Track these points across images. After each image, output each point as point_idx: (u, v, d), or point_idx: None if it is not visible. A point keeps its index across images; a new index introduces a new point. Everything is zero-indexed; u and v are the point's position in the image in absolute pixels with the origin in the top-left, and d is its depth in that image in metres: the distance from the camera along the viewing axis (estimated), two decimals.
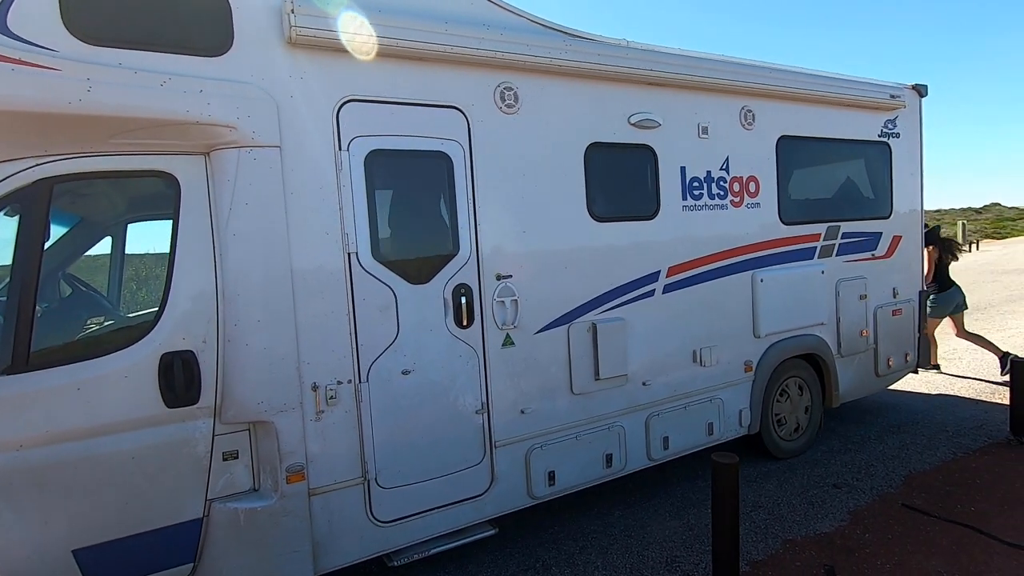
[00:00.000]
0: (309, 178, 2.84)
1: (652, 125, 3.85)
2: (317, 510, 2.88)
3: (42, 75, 2.31)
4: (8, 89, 2.26)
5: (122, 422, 2.54)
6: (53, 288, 3.06)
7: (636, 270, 3.84)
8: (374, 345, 3.01)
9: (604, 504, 4.10)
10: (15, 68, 2.27)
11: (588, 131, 3.66)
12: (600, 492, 4.06)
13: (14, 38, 2.28)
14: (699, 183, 4.13)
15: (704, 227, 4.14)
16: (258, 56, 2.73)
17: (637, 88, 3.80)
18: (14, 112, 2.30)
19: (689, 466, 4.51)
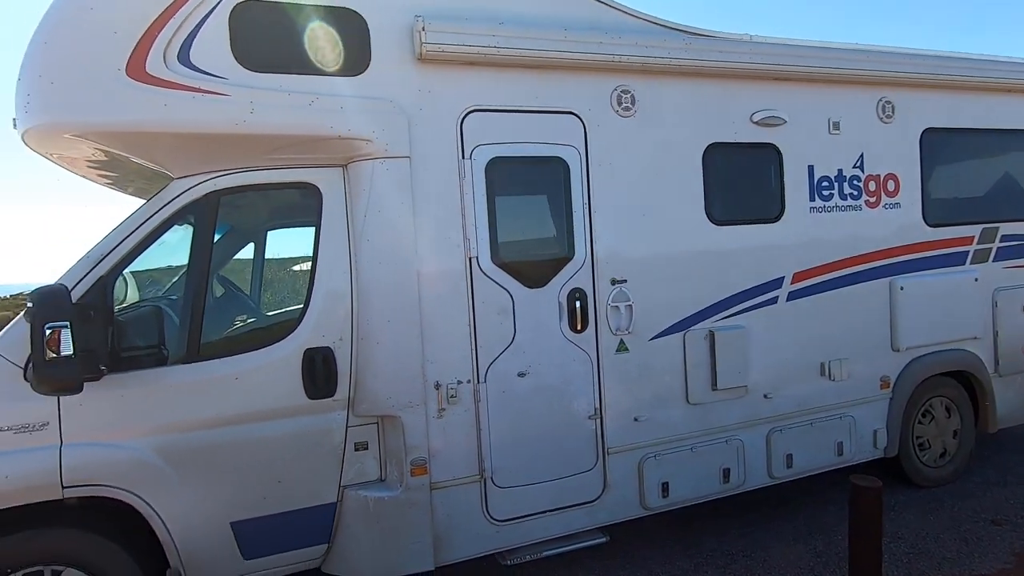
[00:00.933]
0: (435, 186, 2.99)
1: (777, 122, 3.64)
2: (438, 504, 3.00)
3: (216, 100, 2.62)
4: (190, 114, 2.59)
5: (272, 410, 2.81)
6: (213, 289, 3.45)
7: (758, 276, 3.64)
8: (492, 347, 3.09)
9: (721, 520, 3.91)
10: (195, 96, 2.60)
11: (707, 131, 3.53)
12: (716, 508, 3.87)
13: (195, 70, 2.61)
14: (829, 183, 3.84)
15: (834, 230, 3.84)
16: (391, 73, 2.91)
17: (761, 84, 3.62)
18: (194, 134, 2.63)
19: (815, 488, 4.18)
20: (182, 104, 2.57)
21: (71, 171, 3.14)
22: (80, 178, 3.33)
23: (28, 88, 2.58)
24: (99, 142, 2.62)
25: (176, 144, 2.67)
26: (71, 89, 2.52)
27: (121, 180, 3.30)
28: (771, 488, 3.80)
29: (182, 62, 2.60)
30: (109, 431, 2.58)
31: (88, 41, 2.53)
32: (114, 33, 2.51)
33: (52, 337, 2.28)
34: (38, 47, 2.57)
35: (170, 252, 3.07)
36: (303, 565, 2.94)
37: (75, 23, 2.57)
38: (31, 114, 2.58)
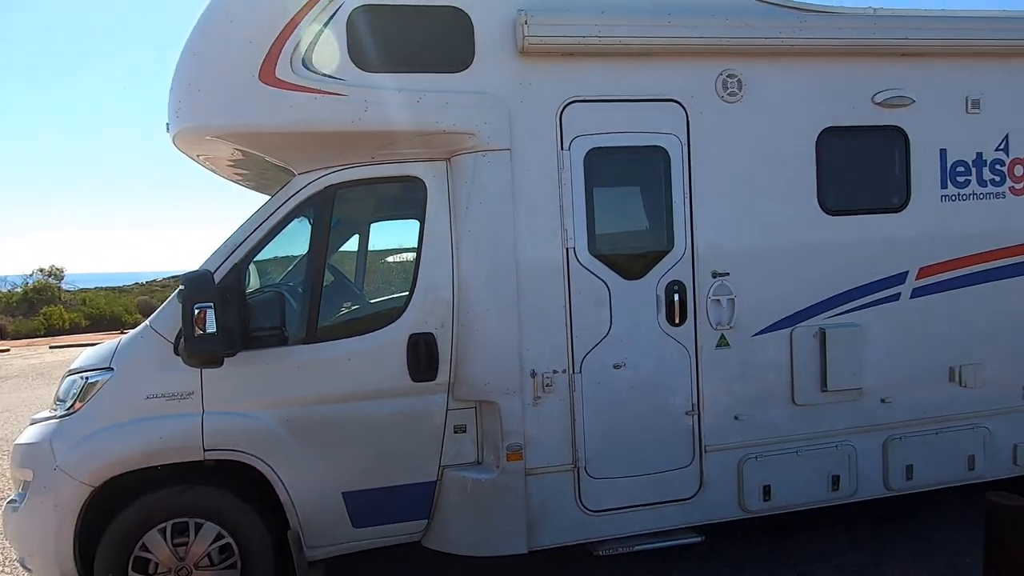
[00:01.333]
0: (534, 177, 3.03)
1: (903, 103, 3.33)
2: (532, 489, 3.06)
3: (334, 100, 2.82)
4: (312, 114, 2.81)
5: (379, 390, 2.99)
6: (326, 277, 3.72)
7: (877, 270, 3.36)
8: (588, 337, 3.10)
9: (828, 530, 3.67)
10: (316, 97, 2.81)
11: (822, 115, 3.30)
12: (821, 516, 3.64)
13: (315, 72, 2.83)
14: (965, 168, 3.46)
15: (970, 220, 3.46)
16: (494, 67, 2.99)
17: (885, 62, 3.32)
18: (315, 132, 2.84)
19: (939, 503, 3.81)
20: (305, 105, 2.80)
21: (212, 170, 3.50)
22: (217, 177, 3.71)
23: (178, 96, 2.91)
24: (236, 142, 2.92)
25: (299, 142, 2.90)
26: (213, 95, 2.82)
27: (253, 178, 3.63)
28: (887, 500, 3.52)
29: (306, 66, 2.82)
30: (241, 402, 2.87)
31: (228, 52, 2.81)
32: (249, 43, 2.77)
33: (199, 316, 2.58)
34: (186, 58, 2.90)
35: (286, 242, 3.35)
36: (406, 537, 3.12)
37: (216, 36, 2.87)
38: (180, 118, 2.91)
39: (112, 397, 2.81)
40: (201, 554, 2.85)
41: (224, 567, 2.89)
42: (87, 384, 2.87)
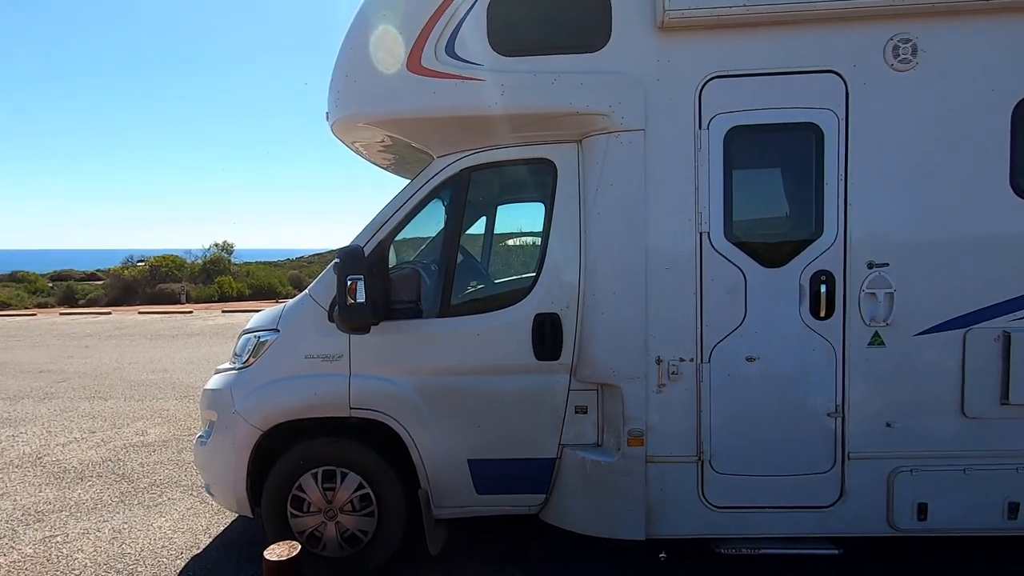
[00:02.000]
0: (668, 158, 2.93)
1: None
2: (652, 477, 3.01)
3: (473, 86, 2.94)
4: (453, 99, 2.95)
5: (505, 366, 3.11)
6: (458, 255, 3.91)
7: None
8: (719, 327, 2.96)
9: (994, 560, 3.20)
10: (457, 83, 2.94)
11: (1019, 84, 2.81)
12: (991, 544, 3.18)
13: (457, 59, 2.96)
14: None
15: None
16: (630, 45, 2.92)
17: None
18: (455, 117, 2.99)
19: None
20: (447, 91, 2.94)
21: (363, 156, 3.82)
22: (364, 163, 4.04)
23: (337, 86, 3.20)
24: (386, 129, 3.15)
25: (440, 127, 3.06)
26: (366, 85, 3.07)
27: (397, 162, 3.91)
28: None
29: (448, 54, 2.97)
30: (382, 368, 3.14)
31: (380, 44, 3.03)
32: (399, 34, 2.97)
33: (351, 287, 2.86)
34: (344, 51, 3.17)
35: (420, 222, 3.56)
36: (524, 509, 3.23)
37: (370, 29, 3.10)
38: (338, 107, 3.20)
39: (278, 355, 3.22)
40: (345, 500, 3.19)
41: (364, 514, 3.21)
42: (258, 342, 3.31)
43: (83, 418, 6.51)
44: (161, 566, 3.44)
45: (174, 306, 20.00)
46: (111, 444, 5.61)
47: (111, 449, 5.47)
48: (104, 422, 6.34)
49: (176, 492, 4.48)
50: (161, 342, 12.06)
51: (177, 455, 5.27)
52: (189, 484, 4.61)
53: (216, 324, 14.83)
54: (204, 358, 10.00)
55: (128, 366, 9.50)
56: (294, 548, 2.14)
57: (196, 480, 4.62)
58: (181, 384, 8.09)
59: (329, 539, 3.22)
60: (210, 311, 18.22)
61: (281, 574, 2.08)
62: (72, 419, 6.47)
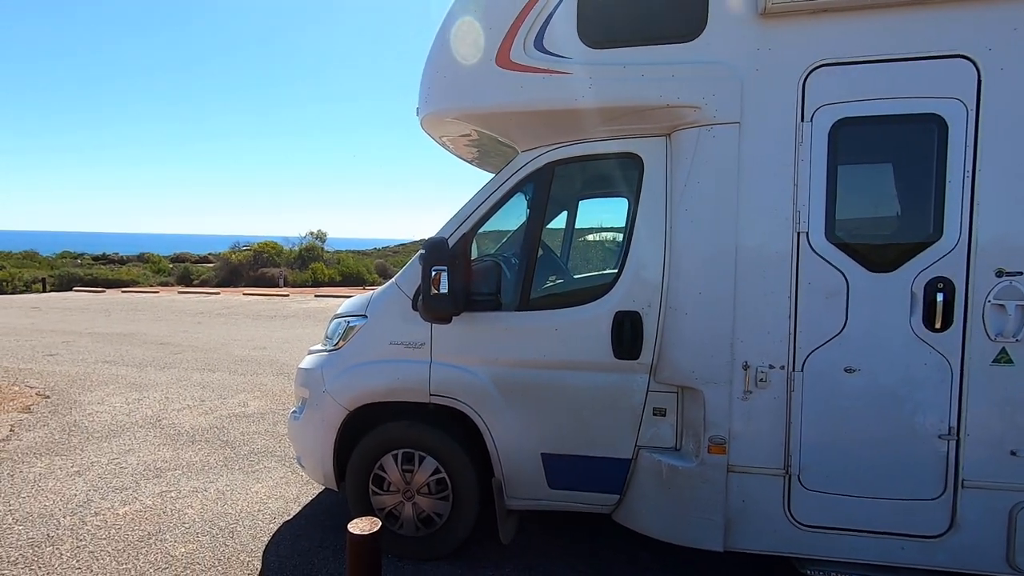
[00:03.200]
0: (764, 153, 2.76)
1: None
2: (733, 487, 2.88)
3: (561, 79, 2.92)
4: (539, 93, 2.95)
5: (581, 363, 3.08)
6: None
7: None
8: (815, 334, 2.76)
9: None
10: (544, 77, 2.94)
11: None
12: None
13: (546, 53, 2.95)
14: None
15: None
16: (728, 34, 2.77)
17: None
18: (541, 111, 2.98)
19: None
20: (535, 85, 2.94)
21: (450, 151, 3.91)
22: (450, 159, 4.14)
23: (428, 82, 3.29)
24: (472, 123, 3.20)
25: (526, 121, 3.07)
26: (456, 80, 3.13)
27: (483, 156, 3.97)
28: None
29: (536, 47, 2.96)
30: (460, 357, 3.22)
31: (470, 39, 3.08)
32: (489, 29, 3.00)
33: (436, 277, 2.95)
34: (435, 48, 3.25)
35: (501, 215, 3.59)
36: (597, 508, 3.20)
37: (460, 25, 3.16)
38: (428, 102, 3.30)
39: (365, 340, 3.39)
40: (422, 483, 3.31)
41: (439, 498, 3.31)
42: (348, 327, 3.50)
43: (195, 387, 7.20)
44: (257, 528, 3.74)
45: (273, 289, 21.59)
46: (217, 413, 6.17)
47: (217, 417, 6.01)
48: (212, 392, 6.97)
49: (271, 461, 4.85)
50: (261, 322, 13.07)
51: (273, 427, 5.70)
52: (283, 455, 4.97)
53: (309, 308, 15.84)
54: (297, 338, 10.72)
55: (233, 342, 10.38)
56: (375, 524, 2.24)
57: (289, 452, 4.98)
58: (277, 361, 8.73)
59: (406, 518, 3.36)
60: (304, 295, 19.49)
61: (363, 547, 2.20)
62: (186, 388, 7.17)
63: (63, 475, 4.51)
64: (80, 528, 3.71)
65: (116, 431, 5.55)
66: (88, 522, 3.78)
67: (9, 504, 4.00)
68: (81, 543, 3.53)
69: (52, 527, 3.72)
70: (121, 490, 4.25)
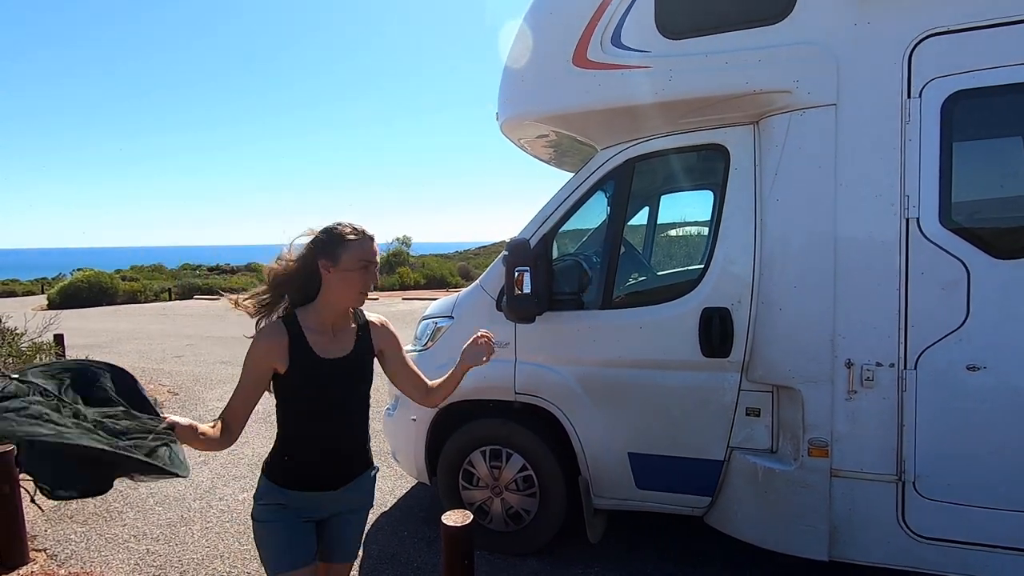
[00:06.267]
0: (865, 135, 2.57)
1: None
2: (838, 493, 2.70)
3: (640, 74, 2.88)
4: (618, 90, 2.92)
5: (669, 361, 3.02)
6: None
7: None
8: (930, 329, 2.53)
9: None
10: (623, 72, 2.91)
11: None
12: None
13: (624, 48, 2.92)
14: None
15: None
16: (819, 10, 2.61)
17: None
18: (620, 108, 2.95)
19: None
20: (612, 82, 2.92)
21: (529, 152, 3.97)
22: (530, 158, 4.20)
23: (506, 86, 3.36)
24: (553, 125, 3.23)
25: (605, 119, 3.05)
26: (535, 83, 3.17)
27: (560, 156, 3.99)
28: None
29: (614, 44, 2.94)
30: (545, 356, 3.25)
31: (547, 40, 3.11)
32: (566, 30, 3.02)
33: (519, 278, 3.01)
34: (512, 51, 3.31)
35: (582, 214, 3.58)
36: (687, 510, 3.12)
37: (538, 27, 3.20)
38: (507, 107, 3.37)
39: (452, 340, 3.50)
40: (510, 479, 3.38)
41: (527, 494, 3.37)
42: (436, 328, 3.64)
43: None
44: None
45: None
46: None
47: None
48: None
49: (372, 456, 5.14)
50: None
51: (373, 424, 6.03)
52: (379, 450, 5.22)
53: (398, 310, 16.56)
54: None
55: None
56: (467, 517, 2.33)
57: (385, 447, 5.25)
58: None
59: (495, 514, 3.44)
60: (392, 298, 20.41)
61: (457, 539, 2.29)
62: None
63: (192, 464, 5.03)
64: (207, 511, 4.13)
65: None
66: (214, 506, 4.21)
67: (150, 488, 4.54)
68: (209, 525, 3.94)
69: (184, 510, 4.17)
70: (240, 479, 4.69)
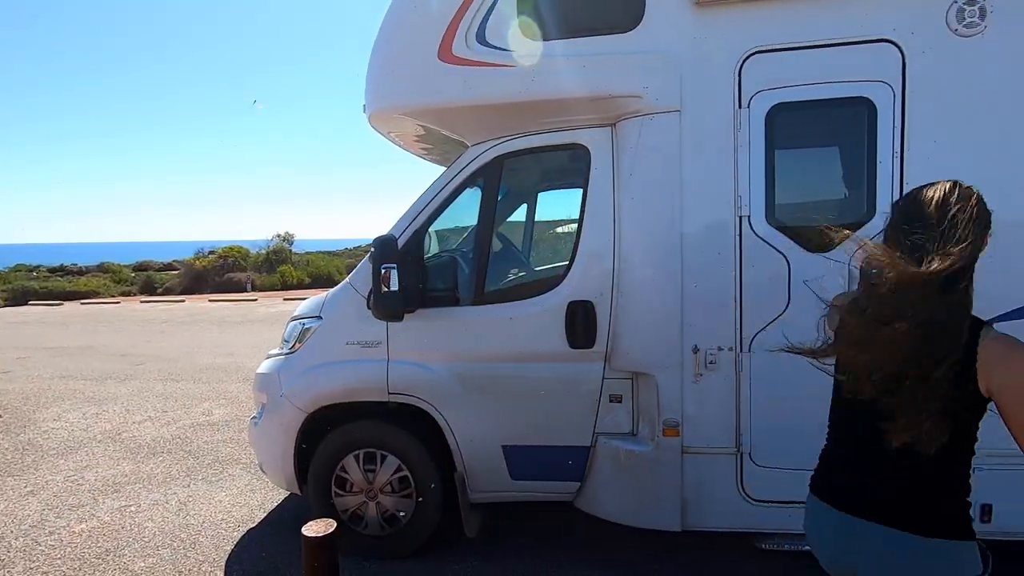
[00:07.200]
0: (705, 140, 2.82)
1: None
2: (688, 468, 2.95)
3: (504, 72, 2.92)
4: (484, 87, 2.95)
5: (539, 354, 3.11)
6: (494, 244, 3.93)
7: None
8: (760, 315, 2.84)
9: None
10: (488, 70, 2.94)
11: None
12: None
13: (488, 46, 2.94)
14: None
15: None
16: (664, 24, 2.81)
17: None
18: (486, 105, 2.98)
19: None
20: (478, 79, 2.94)
21: (400, 146, 3.88)
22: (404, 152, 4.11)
23: (372, 78, 3.26)
24: (419, 119, 3.19)
25: (472, 115, 3.07)
26: (399, 76, 3.11)
27: (434, 151, 3.95)
28: None
29: (479, 41, 2.96)
30: (418, 354, 3.21)
31: (411, 35, 3.06)
32: (429, 25, 2.99)
33: (385, 275, 2.93)
34: (377, 44, 3.23)
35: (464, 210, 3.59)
36: (558, 496, 3.24)
37: (402, 20, 3.14)
38: (374, 100, 3.27)
39: (321, 341, 3.35)
40: (385, 482, 3.30)
41: (402, 496, 3.31)
42: (303, 329, 3.45)
43: (157, 398, 7.02)
44: (220, 537, 3.69)
45: (240, 294, 21.15)
46: (180, 423, 6.04)
47: (180, 427, 5.88)
48: (175, 403, 6.81)
49: (236, 469, 4.77)
50: (228, 328, 12.81)
51: (238, 434, 5.61)
52: (247, 462, 4.90)
53: (278, 311, 15.56)
54: (266, 343, 10.51)
55: (198, 350, 10.15)
56: (330, 526, 2.23)
57: (254, 458, 4.91)
58: (244, 367, 8.57)
59: (370, 518, 3.35)
60: (273, 299, 19.15)
61: (317, 550, 2.18)
62: (148, 399, 6.99)
63: (15, 496, 4.36)
64: (33, 549, 3.60)
65: (73, 447, 5.38)
66: (42, 542, 3.67)
67: None
68: (34, 564, 3.43)
69: (3, 550, 3.59)
70: (77, 507, 4.13)
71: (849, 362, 1.45)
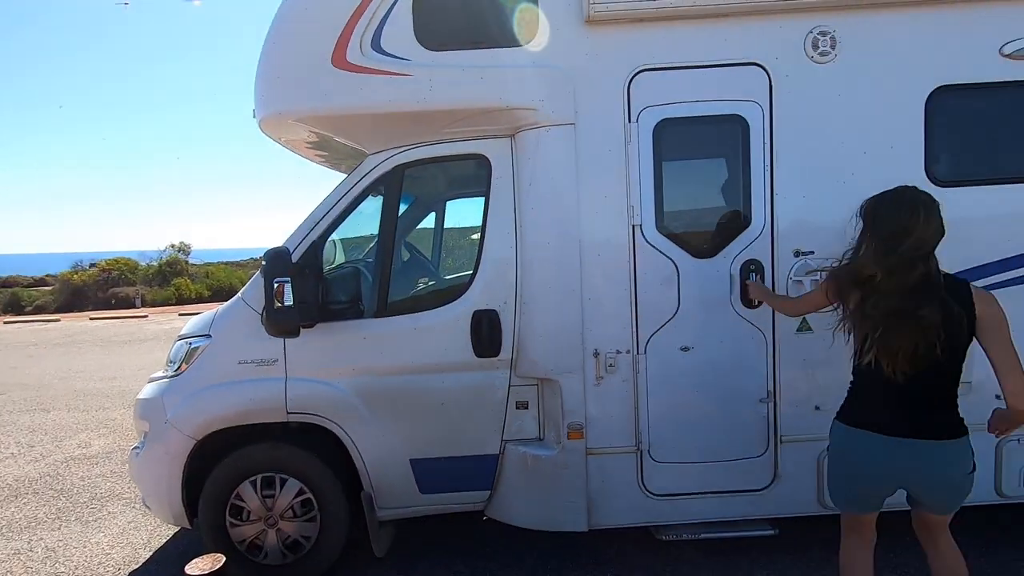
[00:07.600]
0: (598, 152, 2.94)
1: None
2: (593, 469, 3.04)
3: (401, 81, 2.88)
4: (380, 95, 2.89)
5: (445, 364, 3.08)
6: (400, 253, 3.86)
7: (1003, 249, 2.94)
8: (653, 318, 2.99)
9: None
10: (384, 78, 2.89)
11: (933, 72, 2.91)
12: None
13: (385, 54, 2.90)
14: None
15: None
16: (558, 39, 2.90)
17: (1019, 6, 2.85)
18: (383, 113, 2.93)
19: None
20: (374, 87, 2.88)
21: (295, 152, 3.72)
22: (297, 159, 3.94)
23: (262, 83, 3.10)
24: (313, 126, 3.07)
25: (368, 123, 3.00)
26: (291, 82, 2.98)
27: (332, 158, 3.82)
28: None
29: (374, 48, 2.90)
30: (320, 370, 3.08)
31: (303, 39, 2.95)
32: (322, 30, 2.89)
33: (278, 290, 2.79)
34: (268, 47, 3.07)
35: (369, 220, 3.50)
36: (469, 507, 3.23)
37: (293, 24, 3.02)
38: (264, 104, 3.11)
39: (210, 361, 3.12)
40: (285, 506, 3.13)
41: (305, 520, 3.15)
42: (191, 349, 3.20)
43: (22, 432, 6.23)
44: None
45: (128, 310, 19.31)
46: (50, 458, 5.39)
47: (50, 463, 5.25)
48: (44, 435, 6.08)
49: (117, 505, 4.33)
50: (112, 348, 11.65)
51: (120, 467, 5.10)
52: (131, 497, 4.46)
53: (172, 328, 14.34)
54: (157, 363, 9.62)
55: (75, 375, 9.14)
56: (218, 560, 2.08)
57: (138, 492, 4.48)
58: (130, 392, 7.78)
59: (270, 547, 3.15)
60: (166, 314, 17.67)
61: None
62: (10, 434, 6.19)
63: None
64: None
65: None
66: None
67: None
68: None
69: None
70: None
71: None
